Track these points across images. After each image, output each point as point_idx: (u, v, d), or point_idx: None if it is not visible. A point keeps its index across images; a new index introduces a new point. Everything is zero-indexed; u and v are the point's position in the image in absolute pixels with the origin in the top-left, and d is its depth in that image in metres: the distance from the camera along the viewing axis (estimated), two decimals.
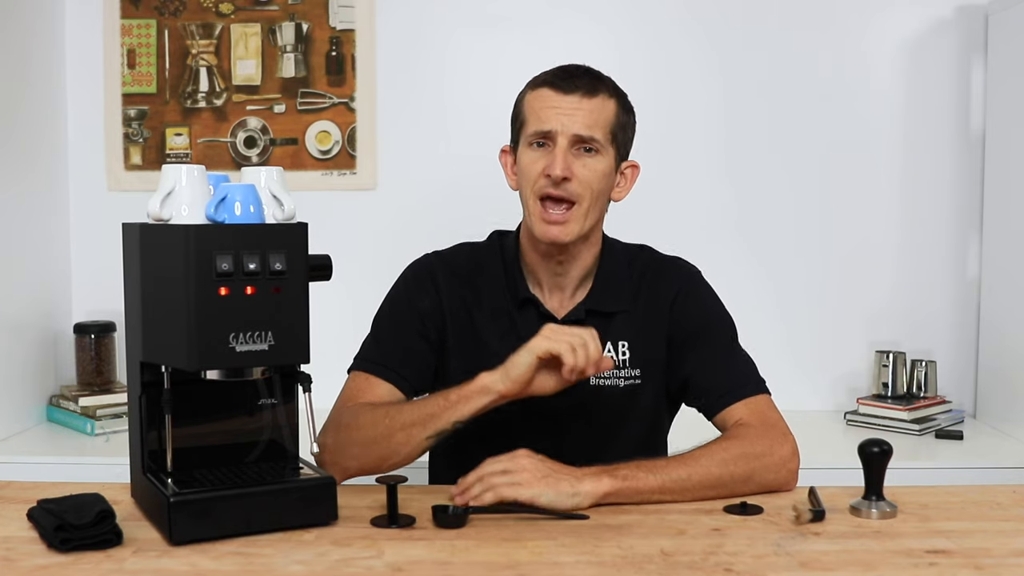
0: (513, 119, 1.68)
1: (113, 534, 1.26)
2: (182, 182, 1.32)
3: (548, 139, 1.60)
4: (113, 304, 2.06)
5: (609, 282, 1.69)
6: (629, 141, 1.68)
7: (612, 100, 1.63)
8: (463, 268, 1.72)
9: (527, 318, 1.66)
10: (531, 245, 1.68)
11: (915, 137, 2.74)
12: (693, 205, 2.75)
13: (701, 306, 1.70)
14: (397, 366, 1.64)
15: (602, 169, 1.61)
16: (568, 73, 1.63)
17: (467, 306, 1.69)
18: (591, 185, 1.59)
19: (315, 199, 2.45)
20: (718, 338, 1.68)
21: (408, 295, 1.71)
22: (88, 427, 2.47)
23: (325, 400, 1.56)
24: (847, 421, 2.63)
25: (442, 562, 1.23)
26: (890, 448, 1.42)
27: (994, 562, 1.23)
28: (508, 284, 1.69)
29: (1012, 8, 2.53)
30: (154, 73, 2.73)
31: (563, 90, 1.60)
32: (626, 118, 1.66)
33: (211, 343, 1.26)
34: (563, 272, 1.67)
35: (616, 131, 1.62)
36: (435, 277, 1.70)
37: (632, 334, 1.67)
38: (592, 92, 1.60)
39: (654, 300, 1.69)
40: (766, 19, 2.73)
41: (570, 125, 1.58)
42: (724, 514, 1.42)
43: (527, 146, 1.62)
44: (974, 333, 2.75)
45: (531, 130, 1.61)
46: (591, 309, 1.67)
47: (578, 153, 1.59)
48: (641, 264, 1.73)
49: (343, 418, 1.57)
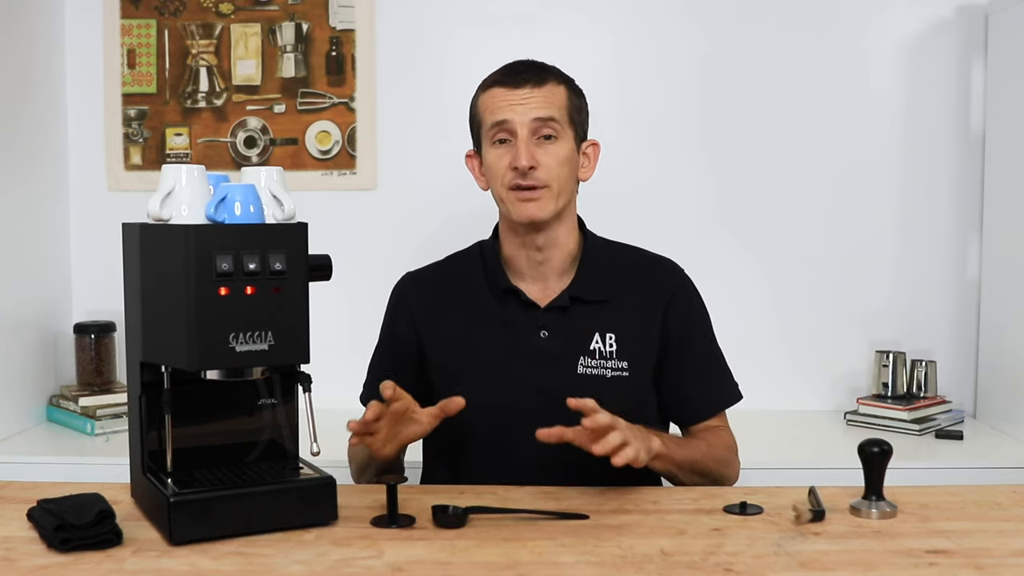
0: (471, 123, 1.74)
1: (113, 534, 1.26)
2: (182, 182, 1.32)
3: (509, 133, 1.64)
4: (113, 304, 2.06)
5: (592, 270, 1.72)
6: (585, 122, 1.73)
7: (561, 86, 1.68)
8: (432, 274, 1.80)
9: (510, 308, 1.70)
10: (510, 234, 1.72)
11: (915, 137, 2.74)
12: (692, 205, 2.75)
13: (690, 313, 1.75)
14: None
15: (564, 153, 1.65)
16: (513, 70, 1.68)
17: (443, 304, 1.74)
18: (556, 169, 1.64)
19: (315, 199, 2.45)
20: (699, 347, 1.75)
21: (387, 320, 1.80)
22: (88, 427, 2.47)
23: (325, 400, 1.56)
24: (847, 421, 2.63)
25: (442, 562, 1.23)
26: (890, 448, 1.42)
27: (994, 562, 1.23)
28: (489, 280, 1.73)
29: (1012, 8, 2.53)
30: (154, 73, 2.73)
31: (512, 85, 1.65)
32: (578, 101, 1.70)
33: (211, 343, 1.26)
34: (544, 259, 1.70)
35: (572, 113, 1.67)
36: (406, 296, 1.78)
37: (620, 326, 1.69)
38: (540, 82, 1.65)
39: (647, 296, 1.72)
40: (766, 19, 2.73)
41: (527, 112, 1.63)
42: (724, 514, 1.42)
43: (490, 144, 1.67)
44: (974, 333, 2.74)
45: (489, 124, 1.66)
46: (575, 296, 1.69)
47: (539, 142, 1.64)
48: (630, 259, 1.77)
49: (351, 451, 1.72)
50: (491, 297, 1.72)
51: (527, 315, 1.69)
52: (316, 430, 1.37)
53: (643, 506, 1.45)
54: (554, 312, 1.69)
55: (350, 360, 1.84)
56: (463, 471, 1.66)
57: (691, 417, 1.75)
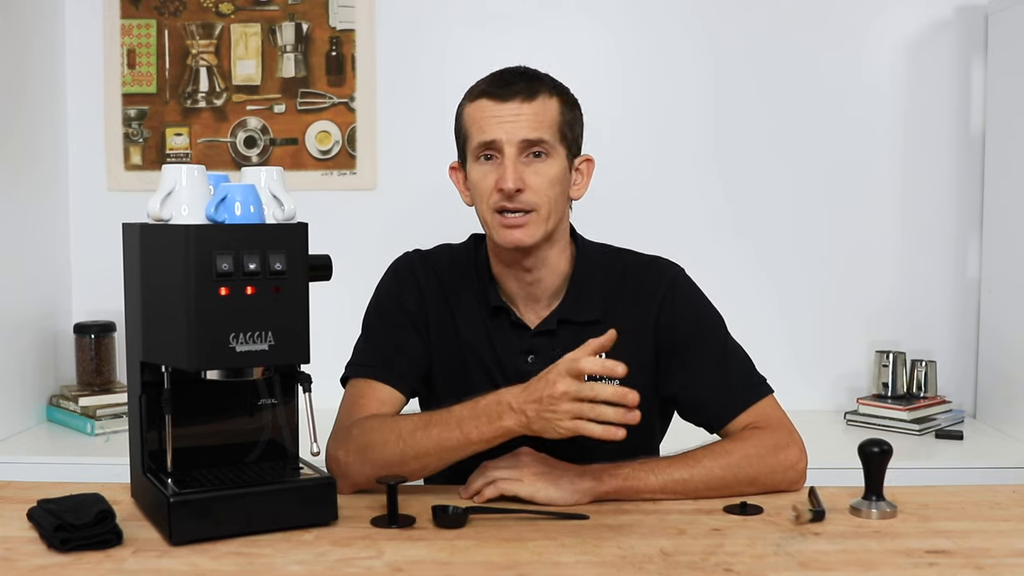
0: (456, 134, 1.63)
1: (113, 534, 1.26)
2: (182, 182, 1.32)
3: (495, 150, 1.54)
4: (113, 304, 2.06)
5: (583, 290, 1.63)
6: (579, 136, 1.62)
7: (554, 99, 1.57)
8: (443, 268, 1.69)
9: (499, 327, 1.63)
10: (497, 257, 1.64)
11: (915, 137, 2.74)
12: (692, 205, 2.75)
13: (688, 312, 1.64)
14: (393, 367, 1.62)
15: (555, 173, 1.55)
16: (504, 80, 1.57)
17: (449, 305, 1.66)
18: (546, 191, 1.54)
19: (315, 199, 2.44)
20: (709, 345, 1.63)
21: (392, 293, 1.68)
22: (88, 427, 2.47)
23: (325, 400, 1.55)
24: (847, 421, 2.63)
25: (442, 562, 1.23)
26: (890, 448, 1.42)
27: (994, 562, 1.23)
28: (480, 292, 1.66)
29: (1012, 8, 2.53)
30: (154, 73, 2.73)
31: (501, 98, 1.54)
32: (571, 114, 1.60)
33: (211, 343, 1.26)
34: (533, 280, 1.62)
35: (564, 129, 1.57)
36: (416, 274, 1.68)
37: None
38: (531, 95, 1.54)
39: (636, 305, 1.63)
40: (766, 19, 2.73)
41: (515, 132, 1.53)
42: (724, 514, 1.42)
43: (475, 160, 1.57)
44: (974, 333, 2.74)
45: (475, 143, 1.56)
46: (564, 319, 1.62)
47: (528, 160, 1.54)
48: (620, 269, 1.66)
49: (352, 433, 1.52)
50: (483, 310, 1.65)
51: (515, 336, 1.62)
52: (316, 430, 1.37)
53: (643, 506, 1.45)
54: (543, 336, 1.61)
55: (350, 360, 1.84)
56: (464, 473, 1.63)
57: (715, 421, 1.60)
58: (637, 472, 1.46)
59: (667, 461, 1.50)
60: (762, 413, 1.59)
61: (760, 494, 1.48)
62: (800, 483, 1.53)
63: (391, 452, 1.46)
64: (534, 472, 1.43)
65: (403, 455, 1.45)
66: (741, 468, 1.49)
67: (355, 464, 1.49)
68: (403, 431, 1.47)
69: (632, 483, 1.45)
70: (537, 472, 1.44)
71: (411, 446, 1.45)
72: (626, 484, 1.45)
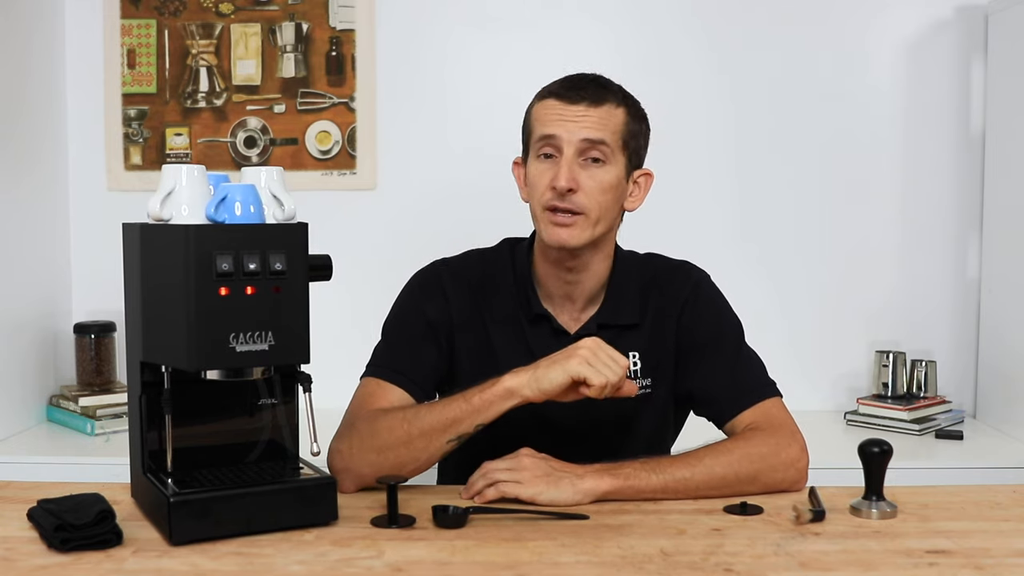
0: (523, 131, 1.66)
1: (113, 534, 1.26)
2: (182, 182, 1.32)
3: (555, 148, 1.57)
4: (113, 304, 2.06)
5: (621, 295, 1.67)
6: (642, 148, 1.65)
7: (620, 108, 1.60)
8: (474, 277, 1.70)
9: (539, 334, 1.65)
10: (543, 255, 1.66)
11: (915, 137, 2.74)
12: (691, 205, 2.74)
13: (708, 315, 1.68)
14: (408, 371, 1.62)
15: (609, 180, 1.57)
16: (574, 83, 1.60)
17: (480, 314, 1.67)
18: (597, 196, 1.56)
19: (315, 199, 2.45)
20: (725, 347, 1.67)
21: (415, 302, 1.69)
22: (88, 427, 2.47)
23: (325, 400, 1.55)
24: (847, 421, 2.63)
25: (442, 562, 1.23)
26: (890, 448, 1.42)
27: (994, 562, 1.23)
28: (520, 298, 1.67)
29: (1012, 8, 2.53)
30: (154, 73, 2.73)
31: (569, 100, 1.58)
32: (636, 126, 1.63)
33: (211, 343, 1.26)
34: (574, 282, 1.65)
35: (627, 139, 1.60)
36: (443, 285, 1.68)
37: (643, 344, 1.66)
38: (599, 101, 1.58)
39: (662, 308, 1.68)
40: (766, 19, 2.73)
41: (576, 131, 1.56)
42: (724, 514, 1.42)
43: (535, 157, 1.60)
44: (974, 333, 2.74)
45: (537, 136, 1.59)
46: (603, 323, 1.65)
47: (585, 164, 1.56)
48: (650, 273, 1.71)
49: (357, 424, 1.54)
50: (523, 316, 1.66)
51: (556, 343, 1.57)
52: (316, 430, 1.37)
53: (643, 506, 1.45)
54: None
55: (350, 360, 1.83)
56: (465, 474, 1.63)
57: (721, 415, 1.64)
58: (639, 472, 1.47)
59: (668, 460, 1.51)
60: (767, 412, 1.60)
61: (762, 493, 1.49)
62: (801, 482, 1.54)
63: (397, 435, 1.48)
64: (535, 474, 1.44)
65: (408, 435, 1.47)
66: (742, 466, 1.50)
67: (358, 452, 1.49)
68: (408, 414, 1.50)
69: (633, 482, 1.46)
70: (538, 474, 1.44)
71: (415, 425, 1.48)
72: (627, 484, 1.46)
